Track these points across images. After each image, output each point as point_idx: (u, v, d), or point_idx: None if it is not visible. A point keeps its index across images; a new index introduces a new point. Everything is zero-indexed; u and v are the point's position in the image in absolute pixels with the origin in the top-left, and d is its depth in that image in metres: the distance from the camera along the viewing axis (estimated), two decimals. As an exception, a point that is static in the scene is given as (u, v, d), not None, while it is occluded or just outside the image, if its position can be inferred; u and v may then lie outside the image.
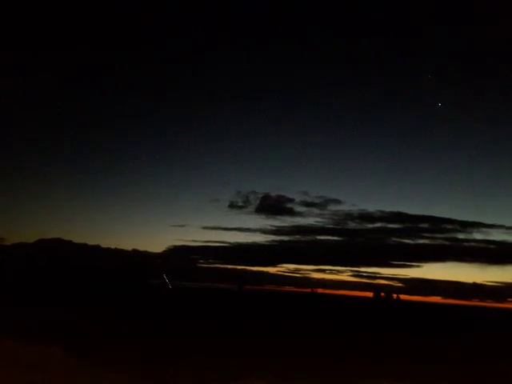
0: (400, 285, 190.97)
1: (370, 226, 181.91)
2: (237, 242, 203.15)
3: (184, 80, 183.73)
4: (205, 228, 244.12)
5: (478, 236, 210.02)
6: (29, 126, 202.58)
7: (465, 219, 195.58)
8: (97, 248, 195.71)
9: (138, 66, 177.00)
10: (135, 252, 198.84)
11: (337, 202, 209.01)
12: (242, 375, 12.19)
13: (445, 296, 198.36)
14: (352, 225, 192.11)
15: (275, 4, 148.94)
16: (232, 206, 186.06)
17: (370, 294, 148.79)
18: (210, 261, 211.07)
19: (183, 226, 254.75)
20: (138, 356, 14.12)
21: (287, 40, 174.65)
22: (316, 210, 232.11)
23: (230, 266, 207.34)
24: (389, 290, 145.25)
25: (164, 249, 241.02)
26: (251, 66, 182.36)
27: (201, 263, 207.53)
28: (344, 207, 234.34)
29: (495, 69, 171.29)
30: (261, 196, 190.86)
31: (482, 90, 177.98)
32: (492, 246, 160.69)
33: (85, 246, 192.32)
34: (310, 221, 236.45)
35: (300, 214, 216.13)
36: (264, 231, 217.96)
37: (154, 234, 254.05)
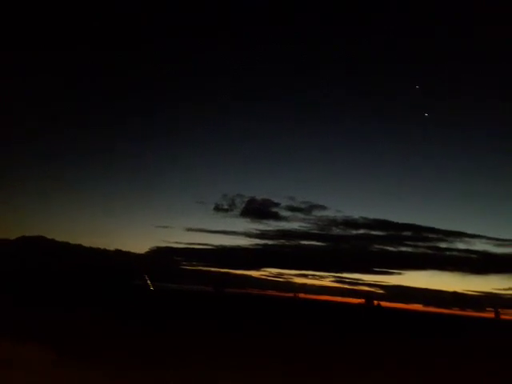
0: (381, 291, 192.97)
1: (354, 232, 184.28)
2: (221, 245, 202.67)
3: (173, 81, 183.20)
4: (189, 230, 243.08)
5: (460, 246, 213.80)
6: (14, 122, 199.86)
7: (448, 229, 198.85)
8: (79, 247, 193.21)
9: (127, 64, 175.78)
10: (118, 252, 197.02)
11: (322, 207, 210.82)
12: (233, 374, 12.19)
13: (425, 304, 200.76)
14: (336, 231, 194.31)
15: (275, 4, 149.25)
16: (217, 208, 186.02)
17: (352, 300, 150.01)
18: (194, 263, 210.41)
19: (167, 227, 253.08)
20: (135, 356, 13.99)
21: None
22: (301, 215, 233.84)
23: (213, 269, 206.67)
24: (371, 296, 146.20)
25: (147, 250, 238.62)
26: (246, 67, 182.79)
27: (184, 265, 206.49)
28: (329, 213, 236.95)
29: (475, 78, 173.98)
30: (247, 199, 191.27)
31: (466, 99, 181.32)
32: (474, 256, 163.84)
33: (67, 244, 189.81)
34: (294, 226, 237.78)
35: (285, 219, 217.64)
36: (248, 235, 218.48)
37: (138, 234, 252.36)
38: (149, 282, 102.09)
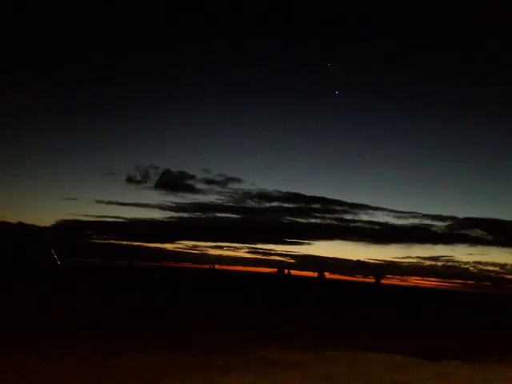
0: (292, 261, 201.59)
1: (268, 204, 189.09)
2: (134, 218, 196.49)
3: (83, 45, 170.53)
4: (99, 202, 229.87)
5: (364, 217, 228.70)
6: None
7: (353, 201, 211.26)
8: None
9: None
10: (20, 225, 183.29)
11: (237, 180, 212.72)
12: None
13: (332, 272, 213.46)
14: (251, 203, 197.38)
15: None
16: (130, 180, 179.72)
17: (265, 270, 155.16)
18: (104, 236, 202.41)
19: (75, 199, 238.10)
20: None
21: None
22: (217, 188, 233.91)
23: (125, 242, 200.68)
24: (282, 265, 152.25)
25: (53, 223, 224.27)
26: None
27: (94, 239, 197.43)
28: (244, 186, 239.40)
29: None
30: (161, 171, 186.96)
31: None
32: (376, 227, 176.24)
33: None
34: (210, 198, 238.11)
35: (201, 191, 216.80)
36: (163, 207, 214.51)
37: (43, 206, 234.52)
38: (56, 256, 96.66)
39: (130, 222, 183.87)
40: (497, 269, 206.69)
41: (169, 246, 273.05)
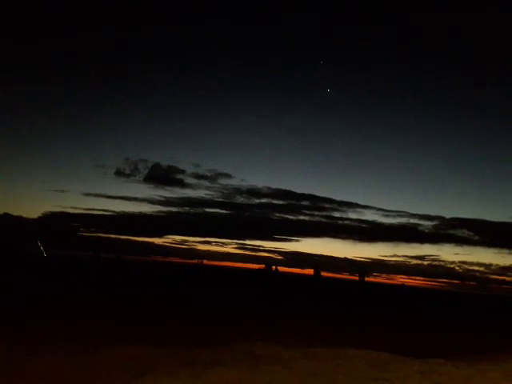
0: (280, 257, 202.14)
1: (257, 201, 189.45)
2: (122, 211, 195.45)
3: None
4: (87, 195, 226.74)
5: (352, 215, 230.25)
6: None
7: (342, 199, 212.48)
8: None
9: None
10: (7, 216, 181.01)
11: (227, 176, 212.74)
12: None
13: (320, 269, 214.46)
14: (240, 199, 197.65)
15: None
16: (119, 173, 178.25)
17: (253, 266, 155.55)
18: (92, 229, 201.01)
19: (63, 191, 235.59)
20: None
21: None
22: (206, 183, 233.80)
23: (113, 236, 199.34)
24: (269, 262, 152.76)
25: (40, 215, 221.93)
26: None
27: (81, 231, 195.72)
28: (234, 182, 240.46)
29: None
30: (151, 165, 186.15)
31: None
32: (364, 225, 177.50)
33: None
34: (199, 193, 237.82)
35: (190, 186, 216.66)
36: (152, 201, 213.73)
37: (30, 198, 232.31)
38: (42, 248, 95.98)
39: (119, 215, 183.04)
40: (482, 269, 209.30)
41: (157, 241, 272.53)
